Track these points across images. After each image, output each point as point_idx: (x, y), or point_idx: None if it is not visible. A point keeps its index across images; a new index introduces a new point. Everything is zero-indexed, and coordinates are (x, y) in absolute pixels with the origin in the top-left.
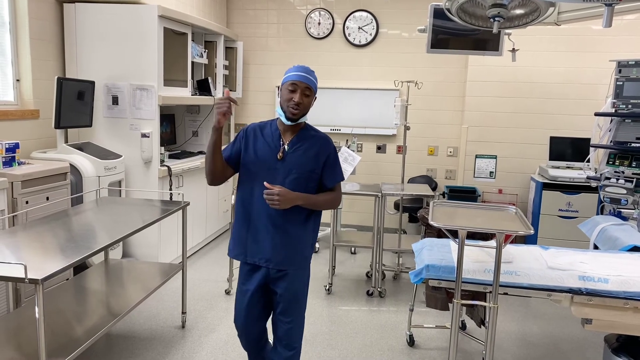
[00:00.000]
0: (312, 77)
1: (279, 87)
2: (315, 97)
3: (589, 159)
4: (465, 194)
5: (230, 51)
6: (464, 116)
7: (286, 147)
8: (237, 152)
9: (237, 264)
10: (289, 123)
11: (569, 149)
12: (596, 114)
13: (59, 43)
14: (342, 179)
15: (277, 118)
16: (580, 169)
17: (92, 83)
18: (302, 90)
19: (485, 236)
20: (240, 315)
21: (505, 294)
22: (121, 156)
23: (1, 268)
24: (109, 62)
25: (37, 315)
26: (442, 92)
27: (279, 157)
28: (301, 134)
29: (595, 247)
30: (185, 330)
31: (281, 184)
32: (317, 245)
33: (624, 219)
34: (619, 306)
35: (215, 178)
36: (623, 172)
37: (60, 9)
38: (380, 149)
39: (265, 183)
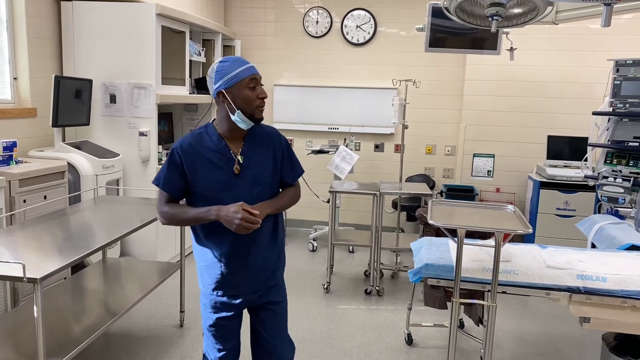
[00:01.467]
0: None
1: (220, 95)
2: None
3: (586, 157)
4: (463, 193)
5: (228, 49)
6: (462, 115)
7: (239, 158)
8: (182, 179)
9: None
10: (250, 126)
11: (566, 148)
12: (594, 113)
13: (56, 41)
14: (302, 172)
15: (210, 124)
16: (578, 167)
17: (90, 81)
18: (258, 83)
19: (484, 235)
20: (226, 349)
21: (504, 292)
22: (119, 155)
23: None
24: (107, 60)
25: (35, 314)
26: (440, 91)
27: (235, 171)
28: (250, 137)
29: (593, 246)
30: (183, 329)
31: (248, 201)
32: (315, 243)
33: (622, 217)
34: (617, 305)
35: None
36: (620, 171)
37: (57, 6)
38: (378, 147)
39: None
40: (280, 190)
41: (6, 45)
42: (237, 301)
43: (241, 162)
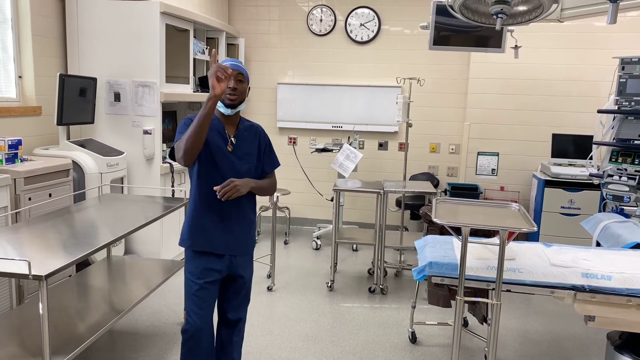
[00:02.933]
0: (241, 64)
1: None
2: (249, 87)
3: (591, 156)
4: (467, 191)
5: (231, 48)
6: (466, 113)
7: (233, 139)
8: None
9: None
10: (229, 112)
11: (571, 146)
12: (599, 111)
13: (61, 40)
14: (279, 164)
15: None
16: (583, 166)
17: (94, 80)
18: (235, 77)
19: (488, 233)
20: (205, 313)
21: (508, 291)
22: (123, 153)
23: (5, 264)
24: (111, 58)
25: (41, 311)
26: (444, 89)
27: (229, 149)
28: (242, 126)
29: (598, 245)
30: None
31: (237, 174)
32: (318, 242)
33: (627, 216)
34: (622, 303)
35: (194, 156)
36: (626, 170)
37: (62, 5)
38: (382, 146)
39: (214, 188)
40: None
41: (11, 44)
42: (219, 267)
43: (234, 142)
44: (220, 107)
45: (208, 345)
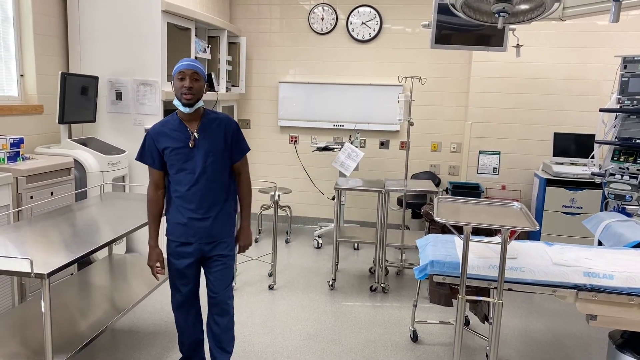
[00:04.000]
0: (197, 64)
1: (171, 83)
2: (206, 83)
3: (593, 155)
4: (468, 190)
5: (233, 47)
6: (468, 112)
7: (196, 134)
8: (157, 155)
9: (240, 259)
10: (187, 110)
11: (573, 145)
12: (601, 110)
13: (62, 38)
14: (248, 149)
15: (175, 112)
16: (584, 165)
17: (96, 78)
18: (190, 76)
19: (490, 232)
20: (184, 293)
21: (510, 289)
22: (125, 151)
23: (7, 263)
24: (113, 57)
25: (43, 309)
26: (446, 88)
27: (191, 145)
28: (205, 120)
29: (600, 244)
30: None
31: (202, 170)
32: (320, 240)
33: (629, 215)
34: (624, 302)
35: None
36: (628, 169)
37: (63, 3)
38: (383, 144)
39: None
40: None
41: (13, 43)
42: (191, 250)
43: (197, 137)
44: (179, 106)
45: (191, 320)
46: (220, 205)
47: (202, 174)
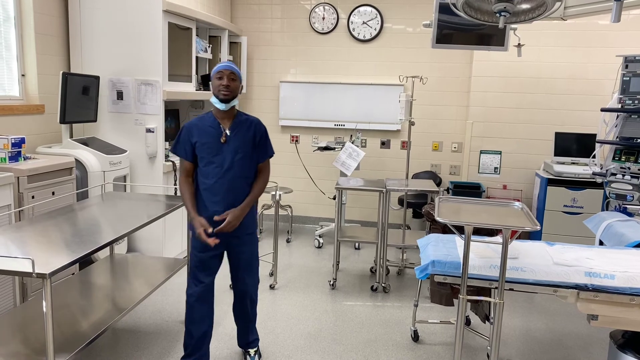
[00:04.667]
0: (234, 66)
1: (210, 84)
2: (242, 86)
3: (594, 154)
4: (469, 190)
5: (234, 46)
6: (469, 111)
7: (227, 131)
8: (190, 148)
9: None
10: (223, 107)
11: (574, 144)
12: (602, 110)
13: (63, 38)
14: (273, 153)
15: (211, 111)
16: (586, 164)
17: (97, 78)
18: (228, 76)
19: (491, 232)
20: (204, 283)
21: (511, 289)
22: (126, 151)
23: (9, 262)
24: (114, 56)
25: (44, 309)
26: (447, 88)
27: (222, 140)
28: (237, 120)
29: (601, 243)
30: None
31: (230, 165)
32: (321, 240)
33: (630, 215)
34: (625, 302)
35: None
36: (629, 168)
37: (65, 3)
38: (384, 144)
39: (215, 217)
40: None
41: (14, 42)
42: (218, 243)
43: (228, 134)
44: (216, 102)
45: (205, 312)
46: (241, 201)
47: (229, 168)
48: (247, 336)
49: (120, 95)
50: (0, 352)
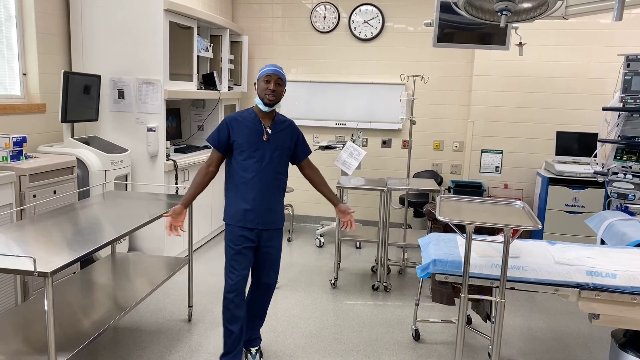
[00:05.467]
0: (281, 70)
1: (254, 84)
2: (285, 90)
3: (596, 153)
4: (471, 189)
5: (235, 45)
6: (470, 111)
7: (269, 130)
8: (225, 139)
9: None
10: (266, 109)
11: (575, 143)
12: (604, 109)
13: (65, 37)
14: (311, 151)
15: (251, 108)
16: (587, 164)
17: (98, 77)
18: (275, 81)
19: (492, 231)
20: (240, 274)
21: (513, 288)
22: (127, 150)
23: (10, 261)
24: (115, 56)
25: (46, 308)
26: (448, 87)
27: (264, 138)
28: (277, 120)
29: (602, 243)
30: (191, 324)
31: (269, 159)
32: (322, 239)
33: (631, 214)
34: (627, 301)
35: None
36: (630, 167)
37: (66, 2)
38: (385, 143)
39: (341, 207)
40: (297, 164)
41: (15, 41)
42: (252, 236)
43: (269, 133)
44: (260, 104)
45: (242, 305)
46: (277, 196)
47: (268, 163)
48: (253, 332)
49: (121, 95)
50: (1, 350)
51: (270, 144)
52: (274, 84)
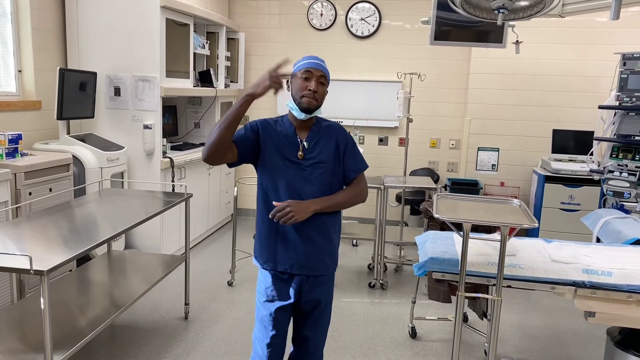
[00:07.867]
0: (325, 65)
1: (287, 81)
2: (327, 91)
3: (592, 152)
4: (467, 187)
5: (232, 42)
6: (467, 108)
7: (305, 144)
8: (247, 139)
9: (239, 255)
10: (302, 116)
11: (571, 141)
12: (600, 107)
13: (60, 34)
14: (366, 166)
15: (286, 115)
16: (583, 162)
17: (94, 74)
18: (317, 79)
19: (488, 229)
20: (271, 342)
21: (509, 286)
22: (123, 147)
23: (6, 259)
24: (111, 53)
25: (42, 306)
26: (445, 84)
27: (299, 156)
28: (315, 128)
29: (598, 240)
30: (188, 322)
31: (307, 182)
32: None
33: (627, 212)
34: (622, 299)
35: (216, 154)
36: (626, 165)
37: None
38: (382, 141)
39: (274, 202)
40: (345, 186)
41: (10, 38)
42: (286, 288)
43: (306, 147)
44: (294, 110)
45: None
46: (320, 231)
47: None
48: None
49: (117, 92)
50: None
51: (306, 162)
52: (316, 83)
